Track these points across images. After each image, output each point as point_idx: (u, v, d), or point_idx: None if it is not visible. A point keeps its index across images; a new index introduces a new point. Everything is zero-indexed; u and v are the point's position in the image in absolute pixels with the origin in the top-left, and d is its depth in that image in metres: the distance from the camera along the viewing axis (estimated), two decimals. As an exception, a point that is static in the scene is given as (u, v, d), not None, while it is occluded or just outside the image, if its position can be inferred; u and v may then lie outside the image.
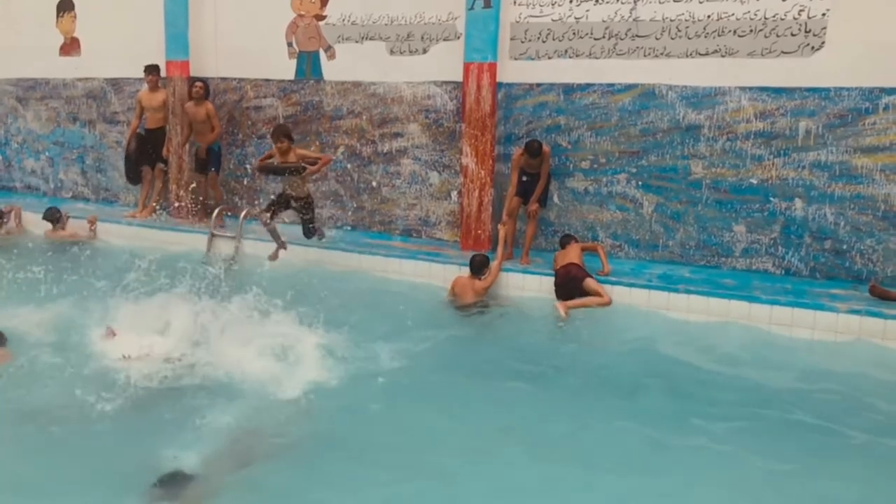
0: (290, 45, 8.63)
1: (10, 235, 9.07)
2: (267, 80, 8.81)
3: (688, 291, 6.41)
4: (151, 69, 9.04)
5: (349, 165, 8.53)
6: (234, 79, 9.01)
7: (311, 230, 7.47)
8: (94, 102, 10.16)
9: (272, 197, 7.48)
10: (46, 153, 10.76)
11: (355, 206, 8.59)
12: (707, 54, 6.75)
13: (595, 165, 7.37)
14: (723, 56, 6.70)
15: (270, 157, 7.15)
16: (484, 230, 7.66)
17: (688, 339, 6.10)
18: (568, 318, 6.31)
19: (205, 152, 8.76)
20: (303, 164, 7.00)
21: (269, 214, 7.18)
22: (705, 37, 6.73)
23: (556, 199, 7.56)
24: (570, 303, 6.40)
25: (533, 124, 7.54)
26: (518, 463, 4.24)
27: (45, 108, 10.61)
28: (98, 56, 9.95)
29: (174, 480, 3.74)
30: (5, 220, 9.18)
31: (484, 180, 7.56)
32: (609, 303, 6.43)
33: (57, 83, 10.42)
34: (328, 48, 8.44)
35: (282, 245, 7.49)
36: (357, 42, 8.24)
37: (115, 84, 9.95)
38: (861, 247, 6.54)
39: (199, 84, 8.68)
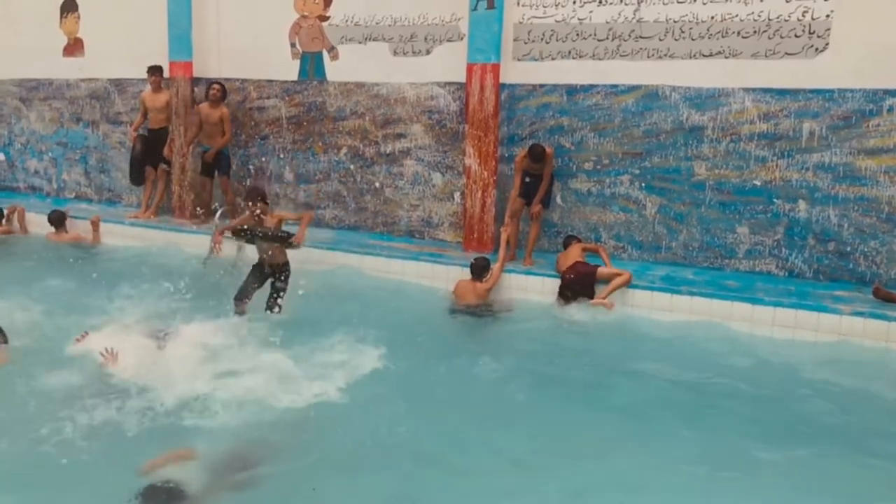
0: (293, 45, 8.67)
1: (12, 235, 9.15)
2: (270, 81, 8.85)
3: (691, 293, 6.41)
4: (154, 70, 9.12)
5: (352, 166, 8.57)
6: (238, 79, 9.06)
7: (277, 302, 6.30)
8: (98, 103, 10.24)
9: (249, 277, 6.40)
10: (50, 154, 10.85)
11: (358, 206, 8.62)
12: (711, 55, 6.78)
13: (598, 167, 7.39)
14: (726, 57, 6.72)
15: (242, 225, 6.30)
16: (487, 231, 7.68)
17: (690, 341, 6.12)
18: (614, 308, 6.48)
19: (213, 156, 8.81)
20: (288, 235, 6.23)
21: (244, 304, 6.20)
22: (709, 38, 6.75)
23: (559, 200, 7.58)
24: (603, 293, 6.49)
25: (536, 125, 7.56)
26: (520, 463, 4.28)
27: (48, 108, 10.70)
28: (101, 57, 10.02)
29: (164, 497, 3.52)
30: (7, 219, 9.26)
31: (487, 181, 7.59)
32: (631, 277, 6.58)
33: (60, 84, 10.50)
34: (331, 49, 8.48)
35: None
36: (360, 43, 8.28)
37: (119, 85, 10.02)
38: (865, 249, 6.54)
39: (216, 86, 8.73)
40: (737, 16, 6.64)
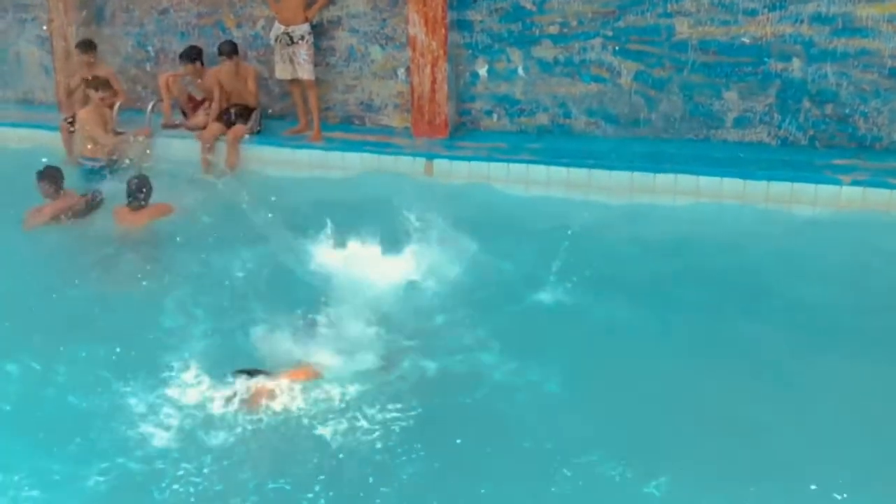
0: None
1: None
2: (163, -60, 8.06)
3: (675, 170, 6.25)
4: None
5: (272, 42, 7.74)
6: (123, -59, 8.17)
7: None
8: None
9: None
10: None
11: (282, 90, 7.95)
12: None
13: (565, 30, 6.96)
14: None
15: None
16: (440, 113, 7.23)
17: (678, 223, 5.96)
18: None
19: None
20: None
21: None
22: None
23: (520, 71, 7.15)
24: None
25: (491, -18, 7.04)
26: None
27: None
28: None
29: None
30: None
31: (436, 53, 7.11)
32: None
33: None
34: None
35: None
36: None
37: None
38: (865, 109, 6.36)
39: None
40: None
